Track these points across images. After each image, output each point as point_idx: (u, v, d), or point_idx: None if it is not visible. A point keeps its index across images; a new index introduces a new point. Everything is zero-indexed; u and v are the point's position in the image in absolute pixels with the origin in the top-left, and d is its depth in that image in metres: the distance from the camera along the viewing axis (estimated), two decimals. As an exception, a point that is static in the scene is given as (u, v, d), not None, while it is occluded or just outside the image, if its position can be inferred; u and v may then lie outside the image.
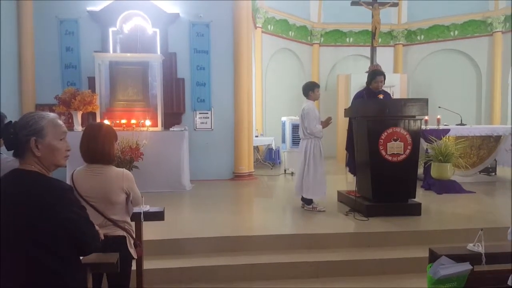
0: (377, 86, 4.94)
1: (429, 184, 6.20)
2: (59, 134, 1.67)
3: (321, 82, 11.50)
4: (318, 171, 4.80)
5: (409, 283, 3.34)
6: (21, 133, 1.58)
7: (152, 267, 3.24)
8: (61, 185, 1.61)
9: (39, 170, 1.61)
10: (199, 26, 7.26)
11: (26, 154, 1.60)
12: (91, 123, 2.53)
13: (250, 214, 5.20)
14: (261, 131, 10.01)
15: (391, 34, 11.69)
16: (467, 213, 4.83)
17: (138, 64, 6.78)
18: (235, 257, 3.61)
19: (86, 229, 1.66)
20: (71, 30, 7.03)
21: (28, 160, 1.60)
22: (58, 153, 1.67)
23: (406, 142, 4.50)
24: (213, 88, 7.32)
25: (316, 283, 3.40)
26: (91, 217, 1.93)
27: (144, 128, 6.34)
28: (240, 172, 7.27)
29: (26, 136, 1.57)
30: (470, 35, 10.79)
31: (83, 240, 1.65)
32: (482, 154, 6.96)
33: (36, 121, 1.60)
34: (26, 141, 1.57)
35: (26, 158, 1.60)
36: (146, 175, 5.90)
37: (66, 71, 7.05)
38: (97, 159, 2.26)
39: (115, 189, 2.24)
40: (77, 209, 1.63)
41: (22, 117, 1.63)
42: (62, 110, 6.39)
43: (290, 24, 10.98)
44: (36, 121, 1.60)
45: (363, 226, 4.19)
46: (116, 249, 2.13)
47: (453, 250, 2.22)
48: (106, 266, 1.97)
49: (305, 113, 4.79)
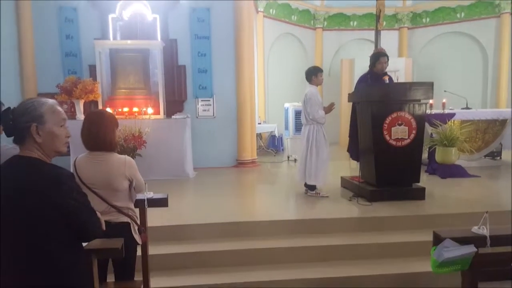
0: (382, 67, 4.88)
1: (433, 168, 6.17)
2: (59, 120, 1.67)
3: (325, 67, 11.34)
4: (320, 157, 4.77)
5: (413, 266, 3.35)
6: (21, 120, 1.57)
7: (157, 253, 3.27)
8: (61, 171, 1.60)
9: (39, 157, 1.60)
10: (200, 12, 7.16)
11: (26, 141, 1.59)
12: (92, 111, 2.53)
13: (253, 200, 5.21)
14: (264, 118, 9.96)
15: (396, 17, 11.49)
16: (471, 197, 4.81)
17: (138, 51, 6.72)
18: (239, 242, 3.63)
19: (86, 216, 1.66)
20: (71, 18, 6.96)
21: (29, 147, 1.60)
22: (58, 139, 1.67)
23: (410, 126, 4.46)
24: (215, 74, 7.25)
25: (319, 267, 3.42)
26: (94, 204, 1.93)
27: (146, 116, 6.32)
28: (243, 159, 7.27)
29: (26, 122, 1.57)
30: (477, 17, 10.55)
31: (83, 227, 1.65)
32: (487, 138, 6.90)
33: (36, 108, 1.59)
34: (27, 127, 1.57)
35: (26, 144, 1.60)
36: (149, 163, 5.91)
37: (67, 59, 7.01)
38: (99, 146, 2.25)
39: (118, 176, 2.24)
40: (77, 196, 1.62)
41: (21, 104, 1.61)
42: (64, 99, 6.38)
43: (293, 8, 10.80)
44: (36, 107, 1.59)
45: (367, 211, 4.19)
46: (120, 235, 2.15)
47: (457, 232, 2.22)
48: (111, 251, 1.98)
49: (307, 98, 4.74)
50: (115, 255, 2.03)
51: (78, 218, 1.61)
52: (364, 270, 3.35)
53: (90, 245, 1.90)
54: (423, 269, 3.16)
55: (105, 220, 2.18)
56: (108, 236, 2.04)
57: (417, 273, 3.27)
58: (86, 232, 1.68)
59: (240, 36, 7.15)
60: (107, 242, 1.98)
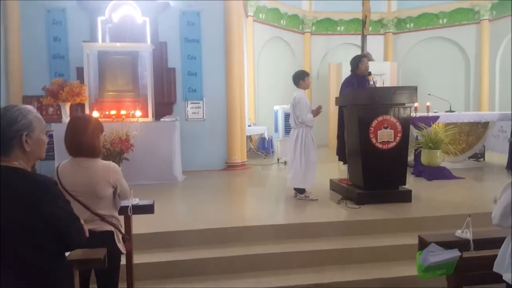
0: (366, 68, 4.97)
1: (419, 170, 6.26)
2: (44, 127, 1.67)
3: (313, 71, 11.47)
4: (309, 160, 4.80)
5: (400, 270, 3.37)
6: (11, 129, 1.54)
7: (142, 261, 3.22)
8: (46, 180, 1.58)
9: (22, 166, 1.58)
10: (190, 15, 7.16)
11: (12, 150, 1.56)
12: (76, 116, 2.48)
13: (243, 205, 5.21)
14: (254, 121, 9.98)
15: (381, 22, 11.66)
16: (456, 199, 4.89)
17: (127, 53, 6.67)
18: (228, 248, 3.60)
19: (71, 223, 1.64)
20: (59, 20, 6.88)
21: (14, 156, 1.56)
22: (43, 146, 1.67)
23: (396, 129, 4.52)
24: (205, 77, 7.24)
25: (309, 273, 3.42)
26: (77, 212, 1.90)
27: (134, 119, 6.27)
28: (233, 162, 7.26)
29: (17, 131, 1.54)
30: (458, 23, 10.84)
31: (68, 235, 1.62)
32: (471, 140, 7.03)
33: (24, 116, 1.57)
34: (18, 136, 1.54)
35: (11, 154, 1.56)
36: (137, 167, 5.86)
37: (54, 61, 6.92)
38: (83, 153, 2.20)
39: (102, 182, 2.20)
40: (62, 204, 1.61)
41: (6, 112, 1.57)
42: (50, 102, 6.29)
43: (282, 13, 10.88)
44: (24, 115, 1.57)
45: (355, 214, 4.22)
46: (103, 244, 2.10)
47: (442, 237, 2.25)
48: (93, 262, 1.95)
49: (296, 102, 4.77)
50: (98, 266, 1.99)
51: (63, 226, 1.59)
52: (351, 274, 3.36)
53: (72, 256, 1.86)
54: (410, 272, 3.18)
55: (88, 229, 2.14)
56: (91, 245, 2.00)
57: (404, 276, 3.29)
58: (71, 240, 1.66)
59: (230, 39, 7.17)
60: (89, 252, 1.94)
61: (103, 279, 2.31)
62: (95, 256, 1.95)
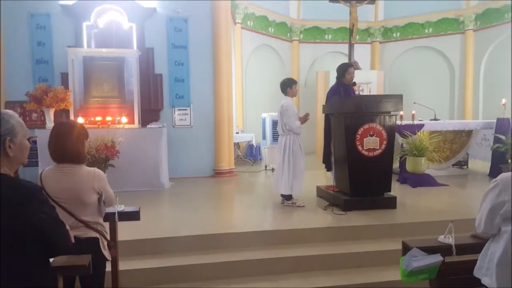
0: (351, 78, 5.05)
1: (404, 177, 6.34)
2: (26, 132, 1.66)
3: (301, 79, 11.57)
4: (297, 167, 4.83)
5: (385, 275, 3.41)
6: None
7: (128, 268, 3.19)
8: (31, 185, 1.57)
9: (6, 172, 1.56)
10: (177, 21, 7.16)
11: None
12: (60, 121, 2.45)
13: (230, 211, 5.19)
14: (242, 128, 9.99)
15: (368, 31, 11.86)
16: (440, 205, 4.97)
17: (113, 59, 6.62)
18: (214, 255, 3.58)
19: (57, 229, 1.64)
20: (43, 24, 6.80)
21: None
22: (26, 151, 1.66)
23: (381, 137, 4.58)
24: (192, 84, 7.23)
25: (295, 278, 3.43)
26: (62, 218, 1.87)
27: (120, 125, 6.22)
28: (221, 169, 7.24)
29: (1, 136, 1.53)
30: (443, 32, 11.08)
31: (53, 241, 1.62)
32: (455, 148, 7.17)
33: (7, 120, 1.56)
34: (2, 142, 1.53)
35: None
36: (123, 174, 5.80)
37: (38, 66, 6.82)
38: (67, 159, 2.18)
39: (86, 189, 2.18)
40: (47, 210, 1.60)
41: None
42: (34, 107, 6.20)
43: (270, 21, 10.97)
44: (7, 120, 1.56)
45: (341, 220, 4.25)
46: (88, 251, 2.08)
47: (425, 242, 2.28)
48: (78, 268, 1.92)
49: (283, 109, 4.80)
50: (82, 272, 1.97)
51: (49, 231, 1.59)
52: (337, 280, 3.38)
53: (56, 262, 1.83)
54: (394, 277, 3.21)
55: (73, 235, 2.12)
56: (76, 252, 1.98)
57: (389, 281, 3.32)
58: (56, 246, 1.66)
59: (218, 46, 7.18)
60: (73, 259, 1.92)
61: (87, 286, 2.28)
62: (80, 262, 1.92)
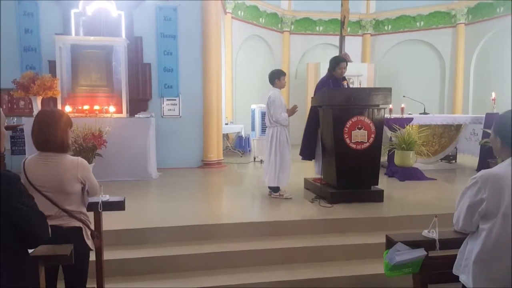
0: (341, 73, 5.02)
1: (392, 171, 6.39)
2: (4, 120, 1.63)
3: (291, 70, 11.53)
4: (284, 159, 4.82)
5: (371, 268, 3.44)
6: None
7: (113, 258, 3.17)
8: (8, 175, 1.53)
9: None
10: (166, 10, 7.05)
11: None
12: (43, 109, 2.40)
13: (217, 203, 5.18)
14: (231, 119, 9.94)
15: (360, 23, 11.83)
16: (427, 199, 5.02)
17: (101, 48, 6.51)
18: (199, 246, 3.58)
19: (34, 220, 1.61)
20: (30, 11, 6.65)
21: None
22: (4, 139, 1.63)
23: (370, 130, 4.59)
24: (181, 74, 7.16)
25: (281, 270, 3.45)
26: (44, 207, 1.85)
27: (108, 115, 6.14)
28: (209, 160, 7.22)
29: None
30: (435, 26, 11.10)
31: (31, 231, 1.59)
32: (444, 142, 7.23)
33: None
34: None
35: None
36: (110, 163, 5.75)
37: (25, 54, 6.69)
38: (50, 147, 2.14)
39: (70, 178, 2.15)
40: (26, 200, 1.58)
41: None
42: (21, 95, 6.09)
43: (261, 11, 10.86)
44: None
45: (328, 213, 4.27)
46: (71, 240, 2.06)
47: (409, 236, 2.29)
48: (59, 258, 1.90)
49: (270, 101, 4.78)
50: (64, 262, 1.95)
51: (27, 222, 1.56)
52: (323, 272, 3.41)
53: (37, 252, 1.81)
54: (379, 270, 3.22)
55: (56, 224, 2.10)
56: (59, 241, 1.97)
57: (375, 274, 3.35)
58: (34, 237, 1.63)
59: (207, 36, 7.10)
60: (55, 249, 1.90)
61: (71, 276, 2.27)
62: (61, 252, 1.90)
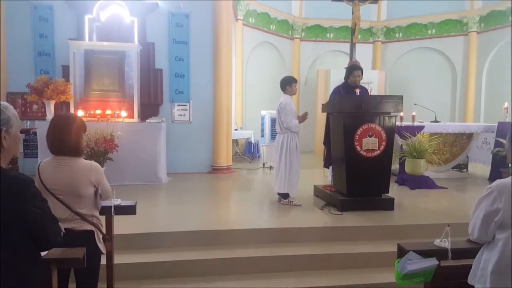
0: (355, 81, 5.00)
1: (403, 179, 6.33)
2: (19, 124, 1.66)
3: (301, 77, 11.55)
4: (293, 165, 4.82)
5: (380, 277, 3.40)
6: None
7: (124, 262, 3.19)
8: (23, 178, 1.56)
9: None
10: (179, 17, 7.14)
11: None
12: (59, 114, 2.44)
13: (226, 208, 5.18)
14: (241, 124, 9.98)
15: (371, 31, 11.82)
16: (438, 208, 4.96)
17: (114, 53, 6.61)
18: (209, 251, 3.59)
19: (48, 223, 1.62)
20: (45, 16, 6.80)
21: None
22: (19, 143, 1.66)
23: (380, 138, 4.57)
24: (192, 80, 7.22)
25: (290, 277, 3.43)
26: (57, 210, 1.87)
27: (120, 119, 6.21)
28: (218, 165, 7.24)
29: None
30: (446, 34, 11.03)
31: (44, 234, 1.61)
32: (455, 150, 7.15)
33: (3, 112, 1.54)
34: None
35: None
36: (121, 167, 5.80)
37: (39, 58, 6.82)
38: (64, 151, 2.18)
39: (83, 182, 2.18)
40: (39, 203, 1.59)
41: None
42: (34, 99, 6.21)
43: (272, 18, 10.93)
44: (3, 111, 1.55)
45: (337, 221, 4.24)
46: (83, 243, 2.08)
47: (421, 245, 2.27)
48: (72, 261, 1.92)
49: (281, 107, 4.79)
50: (76, 265, 1.97)
51: (40, 225, 1.58)
52: (332, 280, 3.38)
53: (50, 254, 1.83)
54: (389, 279, 3.21)
55: (68, 227, 2.12)
56: (71, 244, 1.98)
57: (384, 283, 3.32)
58: (47, 240, 1.64)
59: (218, 42, 7.17)
60: (68, 252, 1.92)
61: (82, 279, 2.29)
62: (74, 255, 1.92)
